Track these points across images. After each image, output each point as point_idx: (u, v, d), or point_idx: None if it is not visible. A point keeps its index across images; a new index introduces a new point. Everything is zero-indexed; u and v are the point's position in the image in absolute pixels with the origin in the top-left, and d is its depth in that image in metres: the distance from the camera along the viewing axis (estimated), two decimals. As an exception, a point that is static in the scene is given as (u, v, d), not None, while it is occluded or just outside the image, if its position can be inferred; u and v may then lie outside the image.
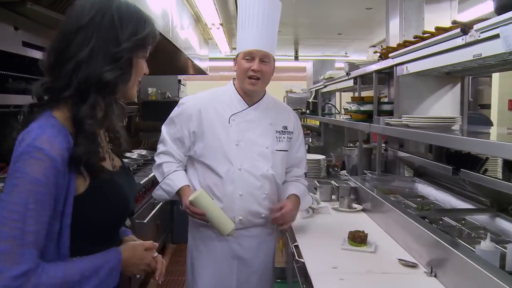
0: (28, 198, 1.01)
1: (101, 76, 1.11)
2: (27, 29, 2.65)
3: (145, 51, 1.22)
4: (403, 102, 2.85)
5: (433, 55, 2.18)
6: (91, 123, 1.11)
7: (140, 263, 1.28)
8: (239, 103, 2.06)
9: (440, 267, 1.64)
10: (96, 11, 1.12)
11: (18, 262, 1.00)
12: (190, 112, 2.03)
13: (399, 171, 3.16)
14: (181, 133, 2.05)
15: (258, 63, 1.96)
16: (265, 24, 1.97)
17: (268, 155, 2.05)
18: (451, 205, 2.33)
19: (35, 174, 1.02)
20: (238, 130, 2.02)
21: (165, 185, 2.05)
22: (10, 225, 1.01)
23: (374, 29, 6.24)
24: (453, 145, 1.92)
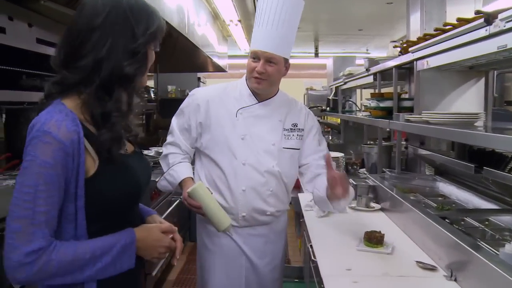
0: (38, 180, 1.07)
1: (122, 70, 1.17)
2: (41, 26, 2.65)
3: (157, 43, 1.27)
4: (424, 98, 2.75)
5: (455, 48, 2.08)
6: (117, 115, 1.19)
7: (158, 245, 1.29)
8: (249, 98, 2.02)
9: (461, 270, 1.56)
10: (109, 10, 1.17)
11: (30, 240, 1.06)
12: (198, 103, 2.01)
13: (420, 170, 3.06)
14: (188, 123, 2.03)
15: (262, 64, 1.91)
16: (280, 24, 1.89)
17: (274, 152, 1.99)
18: (474, 205, 2.23)
19: (44, 157, 1.08)
20: (244, 125, 1.98)
21: (169, 176, 2.03)
22: (22, 206, 1.06)
23: (395, 24, 6.11)
24: (476, 142, 1.82)
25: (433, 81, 2.73)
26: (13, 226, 1.06)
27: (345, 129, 5.46)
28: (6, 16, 2.34)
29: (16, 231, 1.06)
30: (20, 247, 1.05)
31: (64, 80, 1.18)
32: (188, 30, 3.97)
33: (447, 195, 2.51)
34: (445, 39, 2.13)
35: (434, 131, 2.05)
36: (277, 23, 1.89)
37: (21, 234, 1.06)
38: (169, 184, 2.04)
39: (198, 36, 4.51)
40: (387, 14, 5.63)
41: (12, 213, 1.07)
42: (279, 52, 1.91)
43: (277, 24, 1.89)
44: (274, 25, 1.89)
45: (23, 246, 1.05)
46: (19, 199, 1.07)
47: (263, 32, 1.91)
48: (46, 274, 1.08)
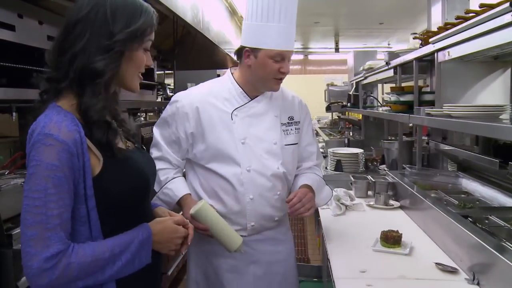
0: (46, 184, 1.06)
1: (91, 65, 1.15)
2: (52, 23, 2.62)
3: (141, 43, 1.24)
4: (445, 91, 2.63)
5: (478, 37, 1.97)
6: (94, 113, 1.16)
7: (174, 237, 1.29)
8: (240, 96, 1.86)
9: (484, 273, 1.46)
10: (93, 6, 1.18)
11: (47, 245, 1.05)
12: (185, 111, 1.82)
13: (442, 166, 2.95)
14: (176, 134, 1.85)
15: (288, 64, 1.79)
16: (291, 15, 1.77)
17: (278, 152, 1.87)
18: (499, 202, 2.12)
19: (49, 160, 1.07)
20: (242, 127, 1.83)
21: (164, 196, 1.84)
22: (34, 211, 1.06)
23: (417, 16, 5.95)
24: (501, 136, 1.72)
25: (455, 73, 2.61)
26: (28, 233, 1.06)
27: (365, 124, 5.35)
28: (15, 13, 2.32)
29: (32, 238, 1.05)
30: (38, 254, 1.05)
31: (51, 75, 1.19)
32: (203, 26, 3.92)
33: (471, 192, 2.40)
34: (467, 28, 2.02)
35: (456, 125, 1.95)
36: (291, 16, 1.77)
37: (38, 240, 1.05)
38: (165, 204, 1.82)
39: (214, 32, 4.46)
40: (408, 6, 5.48)
41: (25, 221, 1.06)
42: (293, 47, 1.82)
43: (285, 18, 1.76)
44: (285, 19, 1.76)
45: (42, 252, 1.05)
46: (30, 206, 1.06)
47: (282, 28, 1.75)
48: (67, 278, 1.08)
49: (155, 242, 1.23)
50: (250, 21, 1.78)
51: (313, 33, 8.29)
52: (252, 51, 1.77)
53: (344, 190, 2.67)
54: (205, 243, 1.86)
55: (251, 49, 1.77)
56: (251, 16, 1.78)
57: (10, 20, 2.28)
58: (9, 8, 2.26)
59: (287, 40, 1.77)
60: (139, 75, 1.29)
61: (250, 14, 1.78)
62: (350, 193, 2.74)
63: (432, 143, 2.98)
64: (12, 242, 1.83)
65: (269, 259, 1.91)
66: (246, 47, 1.79)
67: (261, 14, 1.75)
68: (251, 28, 1.78)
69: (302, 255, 4.80)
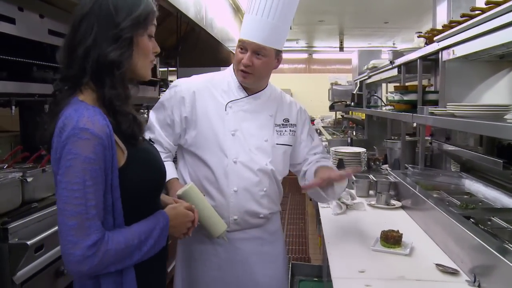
0: (84, 176, 1.12)
1: (106, 56, 1.19)
2: (53, 17, 2.61)
3: (145, 28, 1.28)
4: (450, 91, 2.60)
5: (483, 35, 1.93)
6: (119, 103, 1.22)
7: (186, 221, 1.39)
8: (238, 91, 1.86)
9: (485, 275, 1.43)
10: (95, 1, 1.22)
11: (88, 233, 1.12)
12: (182, 95, 1.82)
13: (445, 166, 2.91)
14: (171, 117, 1.83)
15: (249, 57, 1.73)
16: (272, 13, 1.72)
17: (268, 149, 1.85)
18: (502, 204, 2.09)
19: (86, 153, 1.12)
20: (234, 119, 1.82)
21: None
22: (74, 203, 1.12)
23: (423, 16, 5.90)
24: (505, 135, 1.69)
25: (460, 72, 2.57)
26: (69, 223, 1.11)
27: (369, 124, 5.32)
28: (16, 6, 2.30)
29: (74, 227, 1.11)
30: (80, 242, 1.11)
31: (67, 73, 1.23)
32: (206, 22, 3.90)
33: (474, 193, 2.37)
34: (473, 25, 1.98)
35: (460, 124, 1.91)
36: (268, 11, 1.71)
37: (78, 230, 1.11)
38: None
39: (217, 29, 4.44)
40: (414, 5, 5.43)
41: (65, 212, 1.12)
42: (270, 43, 1.74)
43: (268, 13, 1.71)
44: (265, 13, 1.71)
45: (83, 241, 1.11)
46: (70, 197, 1.12)
47: (254, 21, 1.73)
48: (105, 263, 1.15)
49: (171, 226, 1.32)
50: (245, 14, 1.80)
51: (317, 31, 8.25)
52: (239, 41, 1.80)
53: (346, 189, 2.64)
54: (193, 241, 1.84)
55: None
56: (247, 10, 1.79)
57: (10, 13, 2.26)
58: (9, 1, 2.24)
59: (256, 32, 1.73)
60: (150, 63, 1.33)
61: (247, 9, 1.79)
62: (351, 192, 2.71)
63: (435, 143, 2.95)
64: (8, 236, 1.81)
65: (255, 260, 1.87)
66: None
67: (251, 7, 1.75)
68: (243, 21, 1.80)
69: (303, 254, 4.78)
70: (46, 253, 1.94)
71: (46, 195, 2.18)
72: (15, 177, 2.04)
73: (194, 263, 1.88)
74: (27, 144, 2.73)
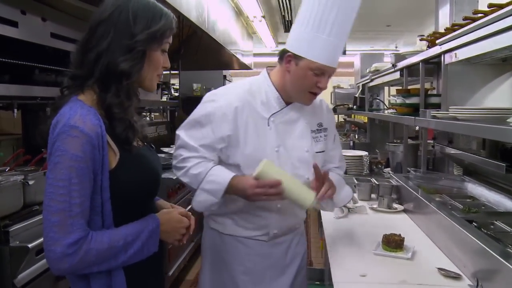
0: (70, 173, 1.12)
1: (117, 65, 1.21)
2: (55, 20, 2.61)
3: (160, 44, 1.29)
4: (452, 94, 2.59)
5: (486, 38, 1.92)
6: (118, 111, 1.23)
7: (179, 227, 1.36)
8: (277, 101, 1.77)
9: (488, 280, 1.41)
10: (116, 7, 1.24)
11: (70, 231, 1.12)
12: (224, 111, 1.70)
13: (447, 169, 2.90)
14: (211, 138, 1.70)
15: (327, 80, 1.69)
16: (343, 32, 1.66)
17: (309, 160, 1.79)
18: (505, 207, 2.07)
19: (73, 151, 1.12)
20: (277, 133, 1.75)
21: (209, 185, 1.67)
22: (58, 199, 1.12)
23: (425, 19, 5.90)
24: (508, 139, 1.67)
25: (462, 75, 2.56)
26: (52, 219, 1.12)
27: (371, 127, 5.31)
28: (18, 10, 2.31)
29: (56, 224, 1.11)
30: (61, 239, 1.11)
31: (76, 73, 1.25)
32: (208, 25, 3.90)
33: (476, 197, 2.35)
34: (475, 28, 1.97)
35: (462, 128, 1.90)
36: (343, 29, 1.65)
37: (60, 227, 1.11)
38: (211, 195, 1.67)
39: (220, 32, 4.43)
40: (416, 9, 5.43)
41: (49, 208, 1.12)
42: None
43: (343, 31, 1.65)
44: (341, 32, 1.65)
45: (64, 238, 1.11)
46: (55, 193, 1.12)
47: (330, 43, 1.63)
48: (86, 263, 1.15)
49: (162, 231, 1.30)
50: (299, 27, 1.68)
51: (320, 35, 8.24)
52: (295, 57, 1.68)
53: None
54: (220, 244, 1.84)
55: (294, 55, 1.68)
56: (302, 22, 1.67)
57: (13, 16, 2.26)
58: (12, 4, 2.25)
59: (333, 56, 1.67)
60: (157, 76, 1.34)
61: (302, 20, 1.68)
62: (353, 195, 2.70)
63: (438, 147, 2.94)
64: (9, 239, 1.82)
65: (285, 263, 1.88)
66: (290, 51, 1.70)
67: (312, 23, 1.64)
68: (299, 35, 1.69)
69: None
70: (47, 256, 1.93)
71: (48, 198, 2.17)
72: (17, 180, 2.04)
73: (224, 266, 1.85)
74: (29, 147, 2.73)
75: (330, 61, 1.66)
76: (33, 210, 2.05)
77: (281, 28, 7.10)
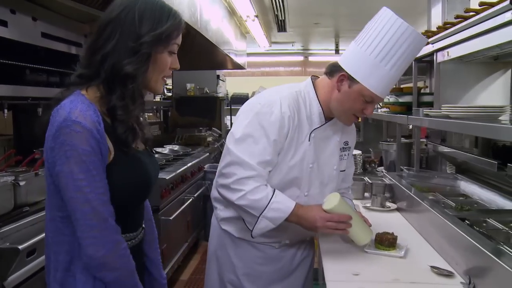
0: (88, 166, 1.14)
1: (122, 68, 1.20)
2: (46, 20, 2.59)
3: (167, 46, 1.27)
4: (445, 92, 2.60)
5: (477, 36, 1.94)
6: (121, 113, 1.23)
7: None
8: (319, 116, 1.73)
9: (480, 277, 1.41)
10: (123, 8, 1.23)
11: (105, 217, 1.17)
12: (280, 123, 1.64)
13: (440, 168, 2.91)
14: (270, 153, 1.63)
15: (373, 107, 1.70)
16: (404, 67, 1.64)
17: (336, 177, 1.81)
18: (498, 205, 2.07)
19: (82, 145, 1.14)
20: (314, 150, 1.72)
21: (272, 212, 1.61)
22: (84, 191, 1.14)
23: (418, 18, 5.89)
24: (499, 136, 1.68)
25: (454, 74, 2.57)
26: (84, 209, 1.14)
27: (365, 126, 5.31)
28: (8, 9, 2.29)
29: (90, 213, 1.15)
30: (97, 226, 1.15)
31: (81, 74, 1.26)
32: (201, 25, 3.88)
33: (469, 194, 2.35)
34: (467, 27, 1.99)
35: (454, 126, 1.91)
36: (403, 66, 1.63)
37: (95, 214, 1.15)
38: (271, 222, 1.62)
39: (213, 32, 4.42)
40: (409, 8, 5.42)
41: (77, 199, 1.14)
42: None
43: (402, 67, 1.63)
44: (401, 68, 1.63)
45: (100, 224, 1.16)
46: (79, 186, 1.14)
47: (388, 75, 1.61)
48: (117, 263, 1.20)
49: None
50: (363, 51, 1.62)
51: (313, 34, 8.24)
52: (349, 79, 1.64)
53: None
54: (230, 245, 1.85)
55: (349, 76, 1.64)
56: (367, 46, 1.61)
57: (2, 15, 2.25)
58: (1, 4, 2.23)
59: (388, 88, 1.67)
60: (163, 78, 1.33)
61: (367, 44, 1.61)
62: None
63: (431, 145, 2.94)
64: (-1, 241, 1.80)
65: (293, 266, 1.90)
66: (345, 71, 1.65)
67: (379, 52, 1.59)
68: (360, 58, 1.62)
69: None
70: (38, 257, 1.92)
71: (39, 199, 2.16)
72: (7, 181, 2.02)
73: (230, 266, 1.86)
74: (20, 147, 2.71)
75: (385, 93, 1.66)
76: (24, 211, 2.03)
77: (275, 28, 7.08)
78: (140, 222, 1.43)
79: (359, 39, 1.66)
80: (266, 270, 1.84)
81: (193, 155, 4.87)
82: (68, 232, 1.19)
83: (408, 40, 1.59)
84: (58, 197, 1.19)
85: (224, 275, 1.87)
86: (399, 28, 1.60)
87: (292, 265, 1.90)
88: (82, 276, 1.20)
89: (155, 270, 1.54)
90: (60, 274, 1.22)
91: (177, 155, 4.66)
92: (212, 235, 1.94)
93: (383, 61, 1.59)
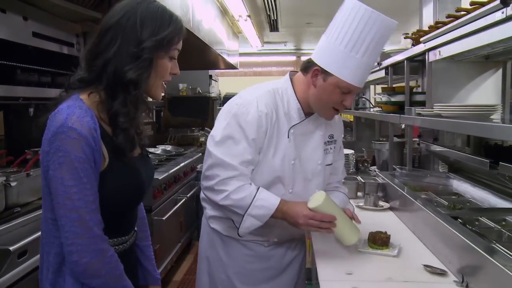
0: (79, 173, 1.13)
1: (124, 74, 1.19)
2: (37, 19, 2.57)
3: (168, 51, 1.26)
4: (437, 91, 2.60)
5: (468, 35, 1.94)
6: (123, 120, 1.22)
7: None
8: (297, 113, 1.74)
9: (473, 276, 1.42)
10: (124, 13, 1.22)
11: (90, 226, 1.15)
12: (258, 122, 1.64)
13: (433, 167, 2.92)
14: (250, 152, 1.64)
15: (352, 98, 1.68)
16: (376, 53, 1.63)
17: (321, 172, 1.80)
18: (490, 203, 2.09)
19: (76, 152, 1.13)
20: (295, 146, 1.72)
21: (256, 210, 1.61)
22: (73, 198, 1.13)
23: (410, 18, 5.92)
24: (491, 135, 1.68)
25: (446, 73, 2.58)
26: (71, 216, 1.14)
27: (357, 126, 5.33)
28: (-2, 8, 2.26)
29: (76, 220, 1.14)
30: (83, 233, 1.14)
31: (82, 79, 1.25)
32: (193, 25, 3.87)
33: (461, 193, 2.37)
34: (458, 26, 1.99)
35: (446, 125, 1.91)
36: (375, 52, 1.62)
37: (81, 222, 1.14)
38: (257, 220, 1.63)
39: (205, 32, 4.41)
40: (401, 7, 5.46)
41: (65, 206, 1.14)
42: None
43: (374, 53, 1.62)
44: (373, 54, 1.61)
45: (86, 232, 1.15)
46: (68, 193, 1.13)
47: (362, 64, 1.60)
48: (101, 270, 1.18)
49: None
50: (332, 43, 1.61)
51: (305, 34, 8.25)
52: (323, 72, 1.64)
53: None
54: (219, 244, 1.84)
55: (322, 70, 1.64)
56: (335, 38, 1.60)
57: (-8, 15, 2.22)
58: (-9, 3, 2.21)
59: (363, 77, 1.66)
60: (163, 84, 1.32)
61: (335, 36, 1.61)
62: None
63: (423, 144, 2.95)
64: (-11, 243, 1.78)
65: (283, 264, 1.90)
66: (318, 66, 1.65)
67: (347, 42, 1.58)
68: (331, 51, 1.62)
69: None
70: (30, 259, 1.90)
71: (30, 199, 2.14)
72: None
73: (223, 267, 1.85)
74: (12, 148, 2.69)
75: (360, 81, 1.64)
76: (15, 212, 2.01)
77: (267, 28, 7.09)
78: (133, 226, 1.43)
79: (328, 32, 1.67)
80: (256, 269, 1.84)
81: (186, 155, 4.85)
82: (58, 234, 1.18)
83: (375, 26, 1.58)
84: (50, 199, 1.19)
85: (215, 275, 1.86)
86: (364, 15, 1.58)
87: (282, 263, 1.89)
88: (71, 279, 1.19)
89: (149, 265, 1.54)
90: (52, 276, 1.21)
91: (170, 155, 4.65)
92: (202, 235, 1.94)
93: (353, 50, 1.58)
